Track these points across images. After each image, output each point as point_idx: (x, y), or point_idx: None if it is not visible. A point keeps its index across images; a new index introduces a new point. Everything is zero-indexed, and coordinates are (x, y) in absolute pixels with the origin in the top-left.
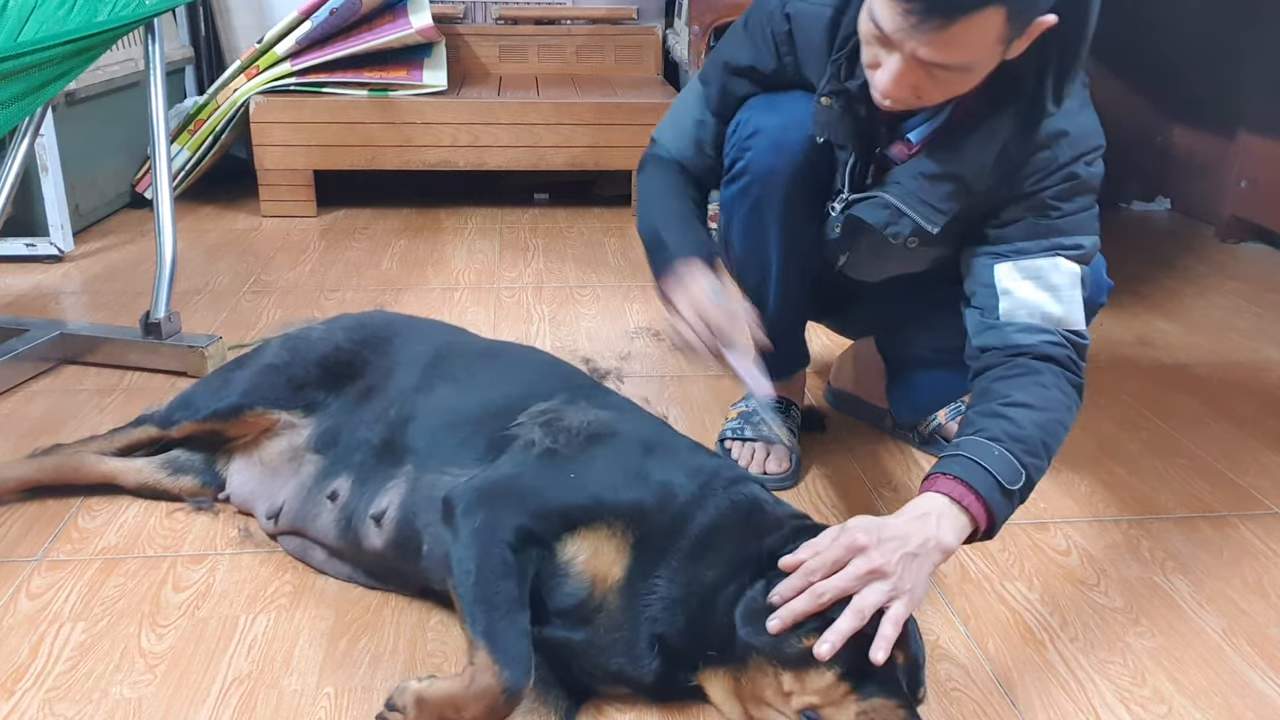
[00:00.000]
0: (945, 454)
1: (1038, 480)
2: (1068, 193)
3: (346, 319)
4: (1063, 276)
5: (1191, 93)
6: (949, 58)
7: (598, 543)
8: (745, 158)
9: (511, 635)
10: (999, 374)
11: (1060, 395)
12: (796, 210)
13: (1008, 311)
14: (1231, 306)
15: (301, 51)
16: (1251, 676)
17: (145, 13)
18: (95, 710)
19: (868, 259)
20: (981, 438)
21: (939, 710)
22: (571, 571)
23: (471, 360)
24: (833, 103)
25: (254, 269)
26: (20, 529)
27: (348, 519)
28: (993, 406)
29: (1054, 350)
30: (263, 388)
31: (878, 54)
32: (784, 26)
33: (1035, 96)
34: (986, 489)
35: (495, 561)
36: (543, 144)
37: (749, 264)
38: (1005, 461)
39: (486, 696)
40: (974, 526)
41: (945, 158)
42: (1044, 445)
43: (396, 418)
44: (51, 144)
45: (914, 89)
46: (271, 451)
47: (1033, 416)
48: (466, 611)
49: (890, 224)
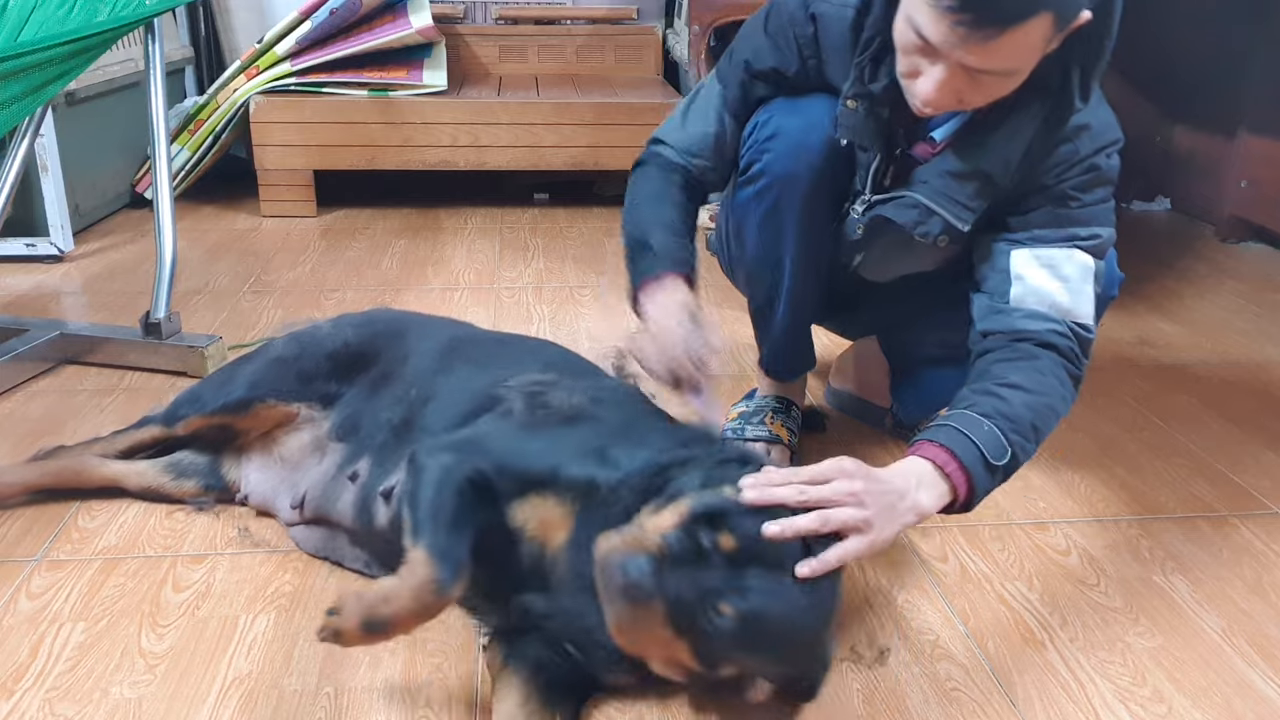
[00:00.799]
0: (935, 423)
1: (1023, 461)
2: (1088, 184)
3: (354, 316)
4: (1075, 269)
5: (1191, 93)
6: (997, 64)
7: (545, 510)
8: (763, 160)
9: (451, 539)
10: (999, 356)
11: (1056, 383)
12: (814, 213)
13: (1018, 298)
14: (1231, 306)
15: (301, 51)
16: (1251, 676)
17: (145, 13)
18: (95, 710)
19: (884, 259)
20: (973, 412)
21: (939, 710)
22: (524, 536)
23: (491, 345)
24: (858, 105)
25: (254, 269)
26: (20, 529)
27: (364, 498)
28: (987, 385)
29: (1057, 340)
30: (272, 380)
31: (918, 63)
32: (808, 29)
33: (1063, 92)
34: (971, 460)
35: (450, 487)
36: (543, 144)
37: (762, 266)
38: (993, 437)
39: (418, 588)
40: (953, 496)
41: (971, 155)
42: (1033, 428)
43: (417, 397)
44: (51, 144)
45: (957, 95)
46: (292, 446)
47: (1025, 399)
48: (411, 524)
49: (920, 223)
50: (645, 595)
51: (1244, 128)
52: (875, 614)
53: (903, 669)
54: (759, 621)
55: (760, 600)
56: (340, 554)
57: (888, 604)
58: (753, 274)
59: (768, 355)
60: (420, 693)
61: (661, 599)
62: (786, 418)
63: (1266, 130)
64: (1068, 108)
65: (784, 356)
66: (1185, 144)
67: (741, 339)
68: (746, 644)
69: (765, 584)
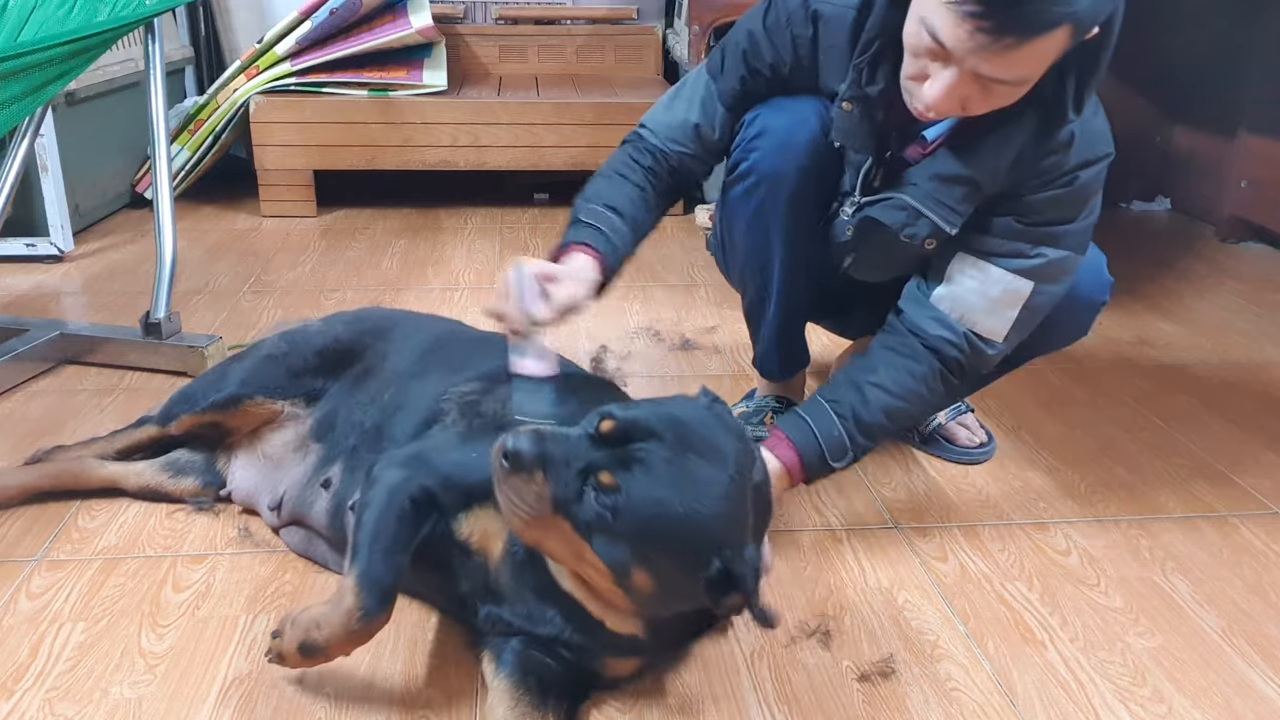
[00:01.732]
0: (799, 411)
1: (862, 457)
2: (1062, 199)
3: (346, 313)
4: (1001, 291)
5: (1191, 93)
6: (1011, 74)
7: (485, 521)
8: (751, 158)
9: (382, 568)
10: (889, 343)
11: (924, 390)
12: (802, 211)
13: (938, 298)
14: (1231, 306)
15: (301, 51)
16: (1251, 677)
17: (145, 13)
18: (95, 710)
19: (875, 260)
20: (833, 410)
21: (939, 710)
22: (470, 548)
23: (469, 346)
24: (854, 108)
25: (254, 269)
26: (20, 529)
27: (337, 507)
28: (859, 379)
29: (946, 349)
30: (261, 376)
31: (927, 66)
32: (807, 29)
33: (1056, 102)
34: (812, 459)
35: (394, 508)
36: (543, 144)
37: (752, 264)
38: (839, 443)
39: (343, 616)
40: (789, 486)
41: (961, 159)
42: (882, 429)
43: (390, 402)
44: (51, 144)
45: (962, 101)
46: (275, 443)
47: (884, 401)
48: (352, 545)
49: (907, 225)
50: (526, 462)
51: (1244, 128)
52: (875, 614)
53: (902, 668)
54: (646, 488)
55: (648, 468)
56: (322, 556)
57: (888, 604)
58: (744, 271)
59: (760, 353)
60: (420, 693)
61: (542, 467)
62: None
63: (1266, 130)
64: (1060, 118)
65: (777, 354)
66: (1185, 144)
67: (741, 339)
68: (631, 517)
69: (655, 455)
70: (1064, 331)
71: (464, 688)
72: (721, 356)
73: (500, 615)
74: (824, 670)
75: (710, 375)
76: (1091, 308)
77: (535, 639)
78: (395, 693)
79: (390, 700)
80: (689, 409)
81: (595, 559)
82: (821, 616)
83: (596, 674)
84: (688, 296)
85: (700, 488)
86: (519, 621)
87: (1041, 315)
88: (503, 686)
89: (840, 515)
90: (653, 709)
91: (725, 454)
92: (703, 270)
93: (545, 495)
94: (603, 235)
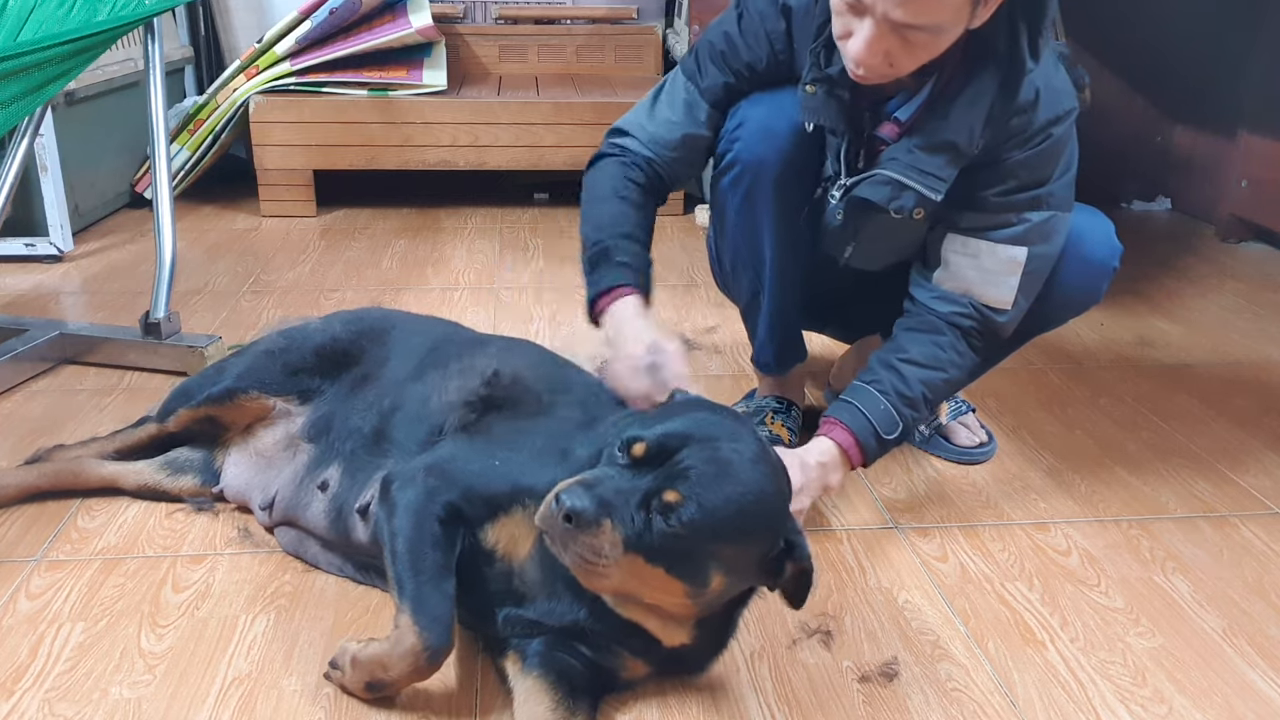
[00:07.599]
0: (845, 397)
1: (914, 427)
2: (1039, 158)
3: (345, 313)
4: (996, 261)
5: (1191, 93)
6: (919, 18)
7: (511, 527)
8: (734, 149)
9: (435, 600)
10: (908, 324)
11: (954, 355)
12: (788, 195)
13: (939, 279)
14: (1231, 306)
15: (301, 51)
16: (1251, 676)
17: (145, 13)
18: (95, 710)
19: (873, 245)
20: (874, 389)
21: (939, 710)
22: (496, 556)
23: (462, 349)
24: (817, 89)
25: (254, 269)
26: (20, 529)
27: (338, 510)
28: (890, 359)
29: (959, 320)
30: (258, 372)
31: (849, 23)
32: (780, 24)
33: (1013, 55)
34: (866, 438)
35: (426, 533)
36: (543, 144)
37: (744, 253)
38: (888, 416)
39: (410, 656)
40: (850, 468)
41: (936, 128)
42: (924, 399)
43: (389, 407)
44: (51, 144)
45: (886, 56)
46: (267, 441)
47: (920, 374)
48: (395, 578)
49: (894, 198)
50: (590, 516)
51: (1244, 128)
52: (875, 614)
53: (903, 669)
54: (710, 489)
55: (701, 472)
56: (313, 557)
57: (888, 604)
58: (736, 262)
59: (757, 347)
60: (420, 693)
61: (606, 514)
62: (786, 417)
63: (1266, 130)
64: (1020, 68)
65: (772, 346)
66: (1185, 144)
67: (741, 339)
68: (708, 521)
69: (698, 457)
70: (1078, 297)
71: (464, 688)
72: (722, 356)
73: (522, 615)
74: (824, 670)
75: (710, 375)
76: (1104, 272)
77: (558, 637)
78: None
79: (390, 700)
80: (686, 405)
81: (668, 581)
82: (822, 616)
83: (615, 673)
84: (688, 297)
85: (751, 470)
86: (544, 618)
87: (1043, 277)
88: (532, 686)
89: (840, 515)
90: (652, 709)
91: (741, 431)
92: (703, 270)
93: (618, 540)
94: (635, 272)
